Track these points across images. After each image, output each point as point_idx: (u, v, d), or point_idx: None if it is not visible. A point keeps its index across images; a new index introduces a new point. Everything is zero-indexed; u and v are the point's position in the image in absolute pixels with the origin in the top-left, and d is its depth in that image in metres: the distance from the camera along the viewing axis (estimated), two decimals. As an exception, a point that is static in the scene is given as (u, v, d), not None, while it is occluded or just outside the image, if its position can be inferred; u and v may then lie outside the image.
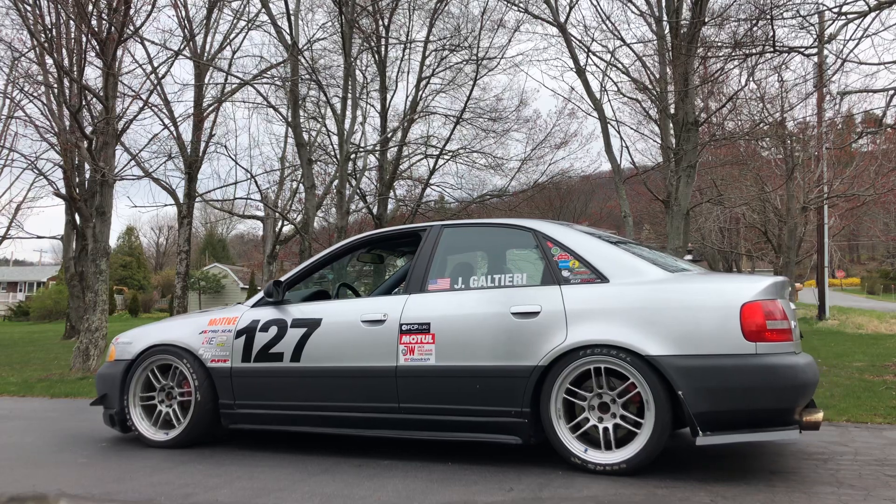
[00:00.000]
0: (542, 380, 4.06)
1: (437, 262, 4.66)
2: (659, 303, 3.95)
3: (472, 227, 5.09)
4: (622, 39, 12.11)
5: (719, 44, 11.28)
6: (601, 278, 4.15)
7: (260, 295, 4.99)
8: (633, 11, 12.45)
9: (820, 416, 3.98)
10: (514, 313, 4.19)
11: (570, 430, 4.04)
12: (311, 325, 4.68)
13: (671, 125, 11.97)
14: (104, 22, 11.52)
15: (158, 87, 14.30)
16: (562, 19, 11.59)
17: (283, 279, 4.99)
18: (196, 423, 4.87)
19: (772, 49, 8.70)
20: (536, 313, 4.13)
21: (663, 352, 3.83)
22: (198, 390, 4.86)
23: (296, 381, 4.65)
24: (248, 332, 4.83)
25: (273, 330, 4.77)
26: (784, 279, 4.30)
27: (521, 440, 4.11)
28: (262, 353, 4.76)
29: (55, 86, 14.03)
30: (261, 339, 4.78)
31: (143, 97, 13.89)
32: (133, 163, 14.82)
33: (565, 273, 4.24)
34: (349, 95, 14.63)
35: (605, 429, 3.97)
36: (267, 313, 4.87)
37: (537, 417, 4.10)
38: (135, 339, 5.25)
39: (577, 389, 4.03)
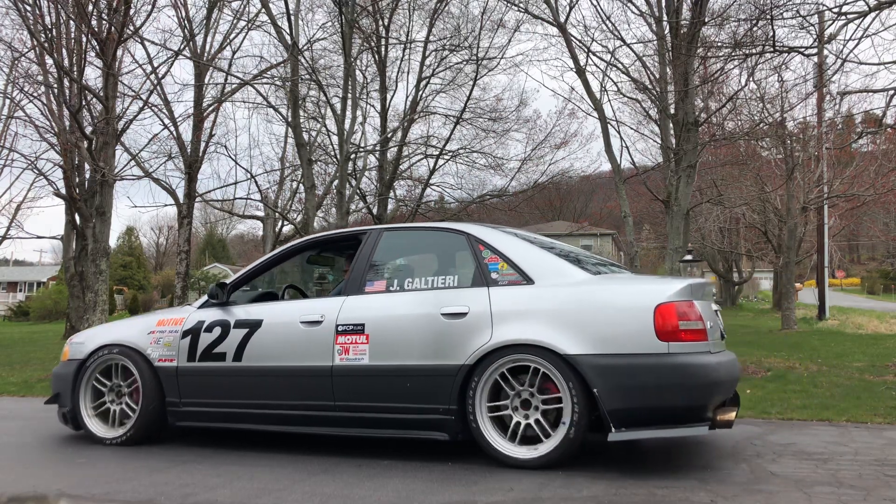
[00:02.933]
0: (468, 378, 4.21)
1: (375, 265, 4.81)
2: (578, 304, 4.13)
3: (410, 231, 5.28)
4: (622, 39, 12.10)
5: (719, 44, 11.28)
6: (527, 280, 4.32)
7: (206, 297, 5.14)
8: (633, 11, 12.45)
9: (733, 414, 4.12)
10: (443, 314, 4.35)
11: (494, 426, 4.19)
12: (253, 325, 4.83)
13: (671, 125, 11.97)
14: (104, 22, 11.53)
15: (158, 87, 14.31)
16: (562, 19, 11.59)
17: (227, 282, 5.14)
18: (143, 421, 4.99)
19: (772, 49, 8.70)
20: (464, 314, 4.30)
21: (580, 351, 3.99)
22: (145, 389, 4.98)
23: (238, 380, 4.80)
24: (194, 333, 4.98)
25: (217, 330, 4.92)
26: (704, 281, 4.51)
27: (448, 437, 4.27)
28: (206, 352, 4.90)
29: (55, 86, 14.03)
30: (205, 339, 4.93)
31: (143, 97, 13.90)
32: (133, 163, 14.85)
33: (494, 275, 4.41)
34: (349, 95, 14.64)
35: (527, 425, 4.12)
36: (212, 314, 5.01)
37: (464, 414, 4.23)
38: (87, 339, 5.40)
39: (502, 386, 4.19)
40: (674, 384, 3.88)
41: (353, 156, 17.10)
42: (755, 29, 9.54)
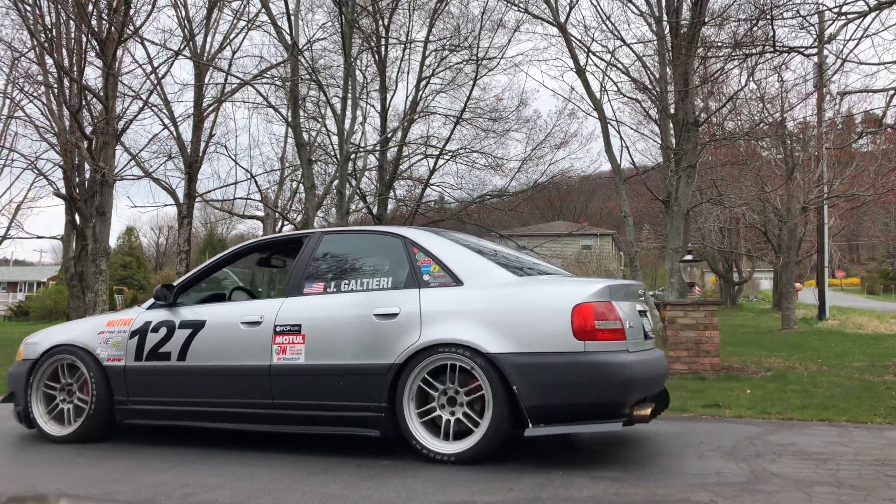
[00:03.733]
0: (398, 376, 4.36)
1: (314, 267, 4.96)
2: (502, 304, 4.30)
3: (349, 234, 5.57)
4: (622, 39, 12.11)
5: (719, 44, 11.28)
6: (456, 282, 4.49)
7: (153, 298, 5.29)
8: (633, 11, 12.45)
9: (648, 410, 4.28)
10: (375, 315, 4.50)
11: (421, 422, 4.34)
12: (197, 326, 4.98)
13: (671, 125, 11.97)
14: (104, 22, 11.52)
15: (158, 87, 14.31)
16: (562, 19, 11.59)
17: (174, 283, 5.30)
18: (93, 419, 5.10)
19: (772, 49, 8.70)
20: (395, 315, 4.45)
21: (502, 350, 4.14)
22: (95, 388, 5.10)
23: (182, 379, 4.95)
24: (141, 333, 5.12)
25: (163, 331, 5.07)
26: (627, 282, 4.75)
27: (380, 433, 4.42)
28: (153, 352, 5.05)
29: (55, 86, 14.03)
30: (151, 339, 5.07)
31: (143, 97, 13.90)
32: (133, 163, 14.85)
33: (426, 277, 4.57)
34: (349, 95, 14.63)
35: (455, 421, 4.29)
36: (159, 315, 5.15)
37: (394, 411, 4.38)
38: (41, 339, 5.51)
39: (430, 383, 4.34)
40: (590, 381, 4.05)
41: (353, 156, 17.10)
42: (755, 29, 9.54)
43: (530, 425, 4.08)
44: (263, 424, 4.74)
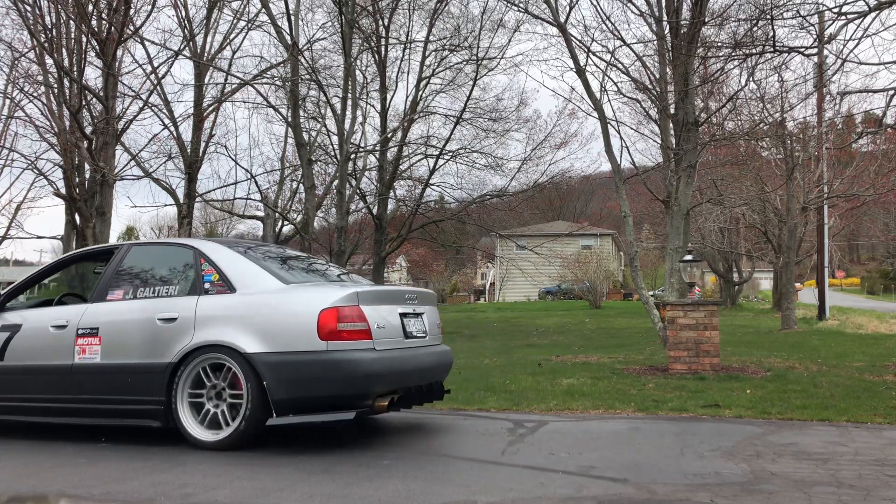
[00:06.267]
0: (174, 374, 4.91)
1: (118, 276, 5.50)
2: (262, 309, 4.84)
3: (152, 246, 6.12)
4: (622, 39, 12.10)
5: (719, 44, 11.27)
6: (231, 289, 5.02)
7: None
8: (633, 11, 12.44)
9: (385, 402, 4.80)
10: (159, 319, 5.05)
11: (192, 414, 4.87)
12: (14, 329, 5.54)
13: (671, 125, 11.96)
14: (104, 22, 11.53)
15: (158, 87, 14.29)
16: (562, 19, 11.58)
17: (2, 292, 5.80)
18: None
19: (772, 49, 8.69)
20: (174, 319, 5.00)
21: (257, 350, 4.68)
22: None
23: (2, 377, 5.47)
24: None
25: None
26: (390, 288, 5.51)
27: (161, 424, 4.93)
28: None
29: (55, 86, 14.01)
30: None
31: (143, 97, 13.89)
32: (133, 163, 14.83)
33: (206, 285, 5.10)
34: (349, 95, 14.64)
35: (220, 412, 4.81)
36: None
37: (170, 405, 4.90)
38: None
39: (203, 380, 4.87)
40: (331, 377, 4.60)
41: (353, 156, 17.09)
42: (755, 29, 9.53)
43: (275, 415, 4.63)
44: (69, 417, 5.25)
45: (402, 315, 5.15)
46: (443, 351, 5.67)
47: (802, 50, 8.78)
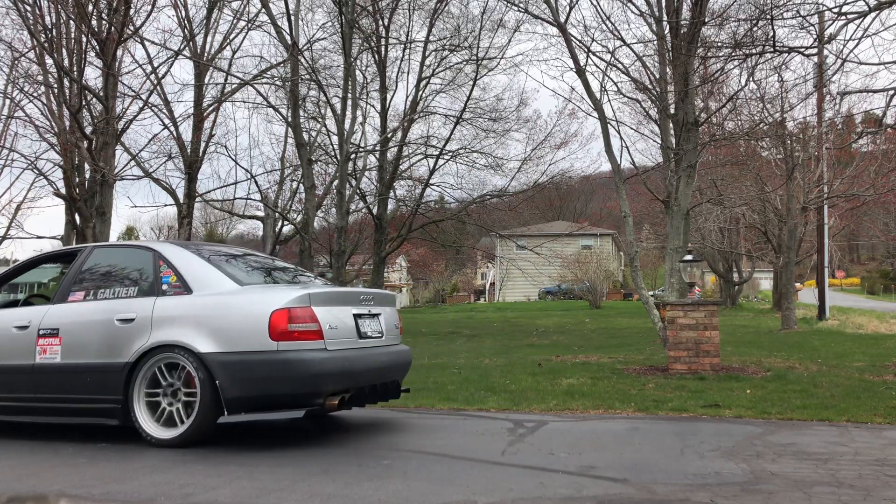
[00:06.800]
0: (131, 373, 5.02)
1: (81, 277, 5.61)
2: (216, 310, 4.95)
3: (114, 248, 6.24)
4: (622, 39, 12.10)
5: (719, 44, 11.27)
6: (188, 290, 5.14)
7: None
8: (633, 11, 12.44)
9: (335, 401, 4.88)
10: (118, 320, 5.16)
11: (149, 412, 5.00)
12: None
13: (671, 125, 11.96)
14: (104, 22, 11.52)
15: (158, 87, 14.29)
16: (562, 19, 11.58)
17: None
18: None
19: (772, 49, 8.69)
20: (132, 320, 5.11)
21: (211, 350, 4.80)
22: None
23: None
24: None
25: None
26: (344, 290, 5.58)
27: (119, 422, 5.05)
28: None
29: (55, 86, 14.01)
30: None
31: (143, 97, 13.89)
32: (133, 163, 14.81)
33: (164, 286, 5.23)
34: (349, 95, 14.64)
35: (176, 410, 4.94)
36: None
37: (127, 403, 5.02)
38: None
39: (160, 379, 5.00)
40: (282, 376, 4.71)
41: (353, 156, 17.09)
42: (755, 29, 9.53)
43: (226, 413, 4.75)
44: (30, 416, 5.38)
45: (357, 316, 5.28)
46: (400, 351, 5.78)
47: (802, 50, 8.78)
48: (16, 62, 15.17)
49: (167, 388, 4.99)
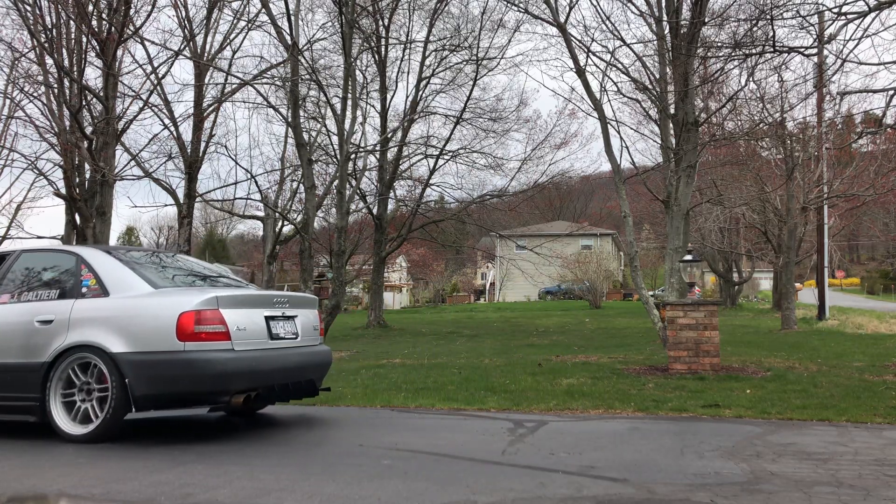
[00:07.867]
0: (48, 372, 5.25)
1: (6, 280, 5.83)
2: (129, 312, 5.19)
3: (40, 252, 6.42)
4: (622, 39, 12.11)
5: (719, 44, 11.27)
6: (105, 293, 5.36)
7: None
8: (633, 11, 12.46)
9: (240, 399, 5.08)
10: (37, 321, 5.40)
11: (64, 410, 5.21)
12: None
13: (671, 125, 11.96)
14: (104, 22, 11.52)
15: (158, 88, 14.28)
16: (562, 19, 11.58)
17: None
18: None
19: (772, 49, 8.69)
20: (51, 321, 5.34)
21: (122, 350, 5.04)
22: None
23: None
24: None
25: None
26: (256, 293, 5.68)
27: (37, 419, 5.26)
28: None
29: (55, 86, 14.01)
30: None
31: (143, 97, 13.89)
32: (133, 163, 14.81)
33: (84, 289, 5.44)
34: (349, 95, 14.63)
35: (90, 408, 5.16)
36: None
37: (44, 401, 5.23)
38: None
39: (75, 378, 5.20)
40: (188, 375, 4.94)
41: (353, 156, 17.09)
42: (755, 29, 9.53)
43: (134, 410, 4.99)
44: None
45: (269, 318, 5.47)
46: (318, 351, 5.97)
47: (802, 50, 8.78)
48: (16, 62, 15.16)
49: (83, 386, 5.20)
